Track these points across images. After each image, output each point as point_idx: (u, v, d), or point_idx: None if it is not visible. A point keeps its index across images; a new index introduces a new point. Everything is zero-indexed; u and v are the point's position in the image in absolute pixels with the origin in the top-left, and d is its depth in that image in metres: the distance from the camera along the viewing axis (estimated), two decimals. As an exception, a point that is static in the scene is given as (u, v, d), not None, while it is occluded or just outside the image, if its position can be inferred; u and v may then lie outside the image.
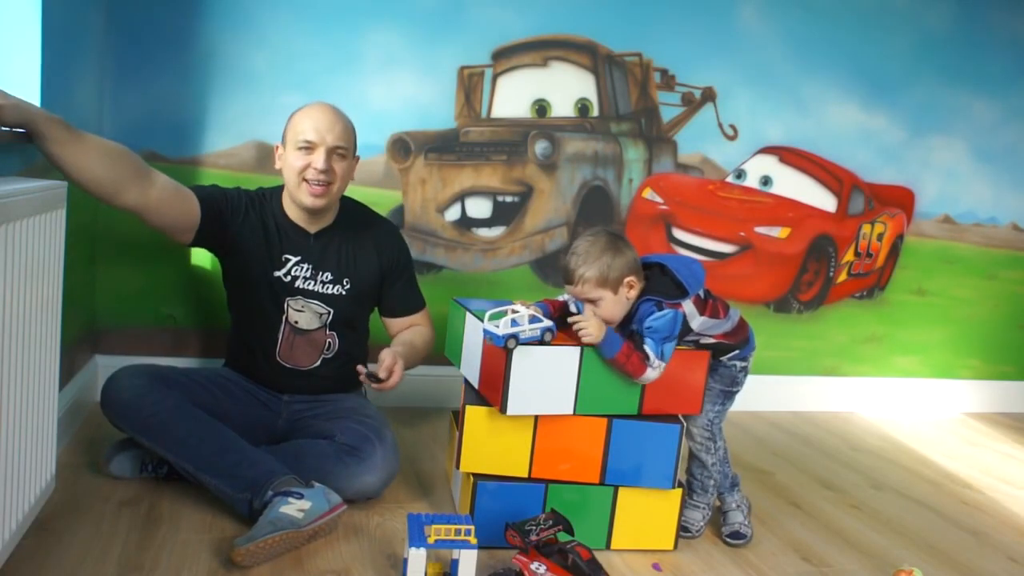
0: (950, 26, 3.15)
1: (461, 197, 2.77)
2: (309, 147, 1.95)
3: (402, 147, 2.69)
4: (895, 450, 2.89)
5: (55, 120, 1.61)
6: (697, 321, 1.85)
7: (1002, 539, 2.21)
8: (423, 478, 2.21)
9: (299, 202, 2.01)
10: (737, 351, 1.95)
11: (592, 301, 1.78)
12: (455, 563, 1.58)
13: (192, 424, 1.86)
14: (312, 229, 2.08)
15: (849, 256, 3.23)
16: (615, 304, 1.79)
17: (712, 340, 1.91)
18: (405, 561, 1.56)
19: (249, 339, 2.13)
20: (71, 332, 2.18)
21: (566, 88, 2.81)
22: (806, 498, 2.35)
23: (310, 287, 2.07)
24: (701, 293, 1.86)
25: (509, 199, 2.81)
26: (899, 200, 3.26)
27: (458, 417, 1.91)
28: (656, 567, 1.83)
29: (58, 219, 1.59)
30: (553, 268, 2.90)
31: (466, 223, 2.79)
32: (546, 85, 2.79)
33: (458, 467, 1.86)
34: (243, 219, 2.05)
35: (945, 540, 2.16)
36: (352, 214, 2.15)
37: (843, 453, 2.80)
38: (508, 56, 2.74)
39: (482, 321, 1.82)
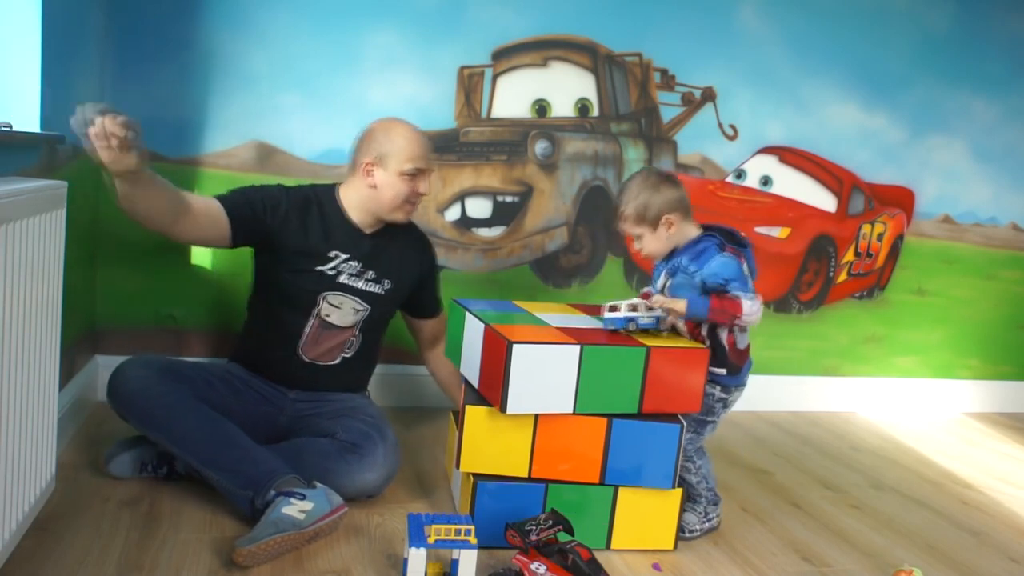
0: (950, 26, 3.15)
1: (461, 197, 2.77)
2: (417, 174, 2.06)
3: (402, 147, 2.69)
4: (895, 450, 2.89)
5: (150, 173, 1.77)
6: (751, 284, 1.87)
7: (1002, 539, 2.21)
8: (423, 478, 2.21)
9: (393, 218, 2.10)
10: (724, 372, 1.93)
11: (636, 237, 1.92)
12: (455, 563, 1.58)
13: (197, 418, 1.86)
14: (369, 230, 2.13)
15: (849, 256, 3.23)
16: (655, 240, 1.90)
17: (723, 337, 1.90)
18: (405, 561, 1.56)
19: (271, 331, 2.13)
20: (71, 332, 2.18)
21: (566, 88, 2.81)
22: (806, 498, 2.35)
23: (354, 284, 2.11)
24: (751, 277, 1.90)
25: (509, 199, 2.81)
26: (899, 200, 3.26)
27: (458, 417, 1.91)
28: (656, 567, 1.83)
29: (58, 219, 1.59)
30: (553, 268, 2.90)
31: (466, 223, 2.79)
32: (546, 85, 2.79)
33: (458, 467, 1.86)
34: (283, 218, 2.06)
35: (945, 540, 2.16)
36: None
37: (843, 453, 2.80)
38: (508, 56, 2.74)
39: (484, 322, 1.85)
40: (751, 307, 1.79)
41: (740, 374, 1.96)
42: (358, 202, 2.10)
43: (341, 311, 2.11)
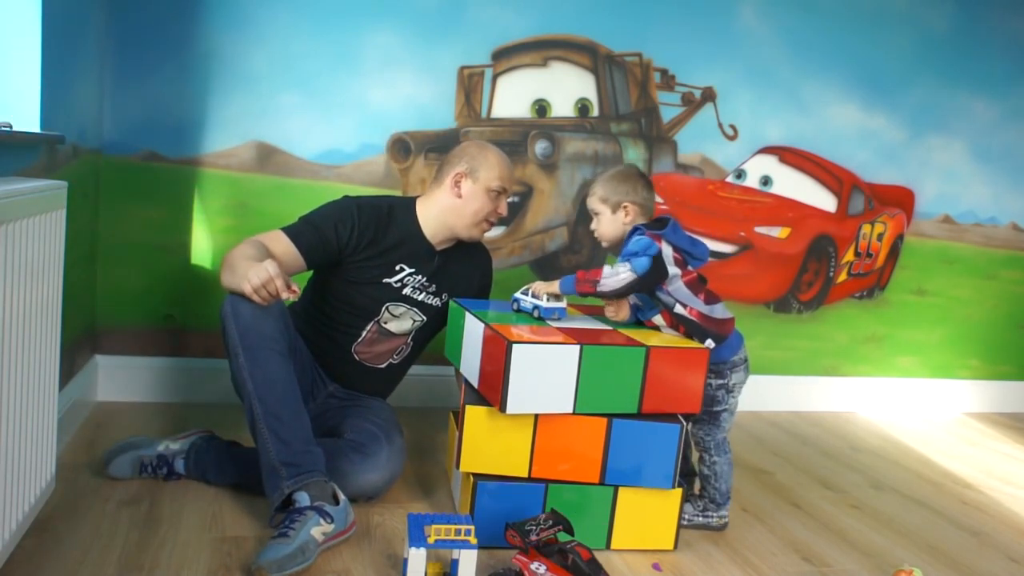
0: (950, 26, 3.15)
1: (461, 197, 2.77)
2: (502, 193, 2.12)
3: (402, 147, 2.69)
4: (895, 450, 2.89)
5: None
6: (673, 271, 1.89)
7: (1002, 539, 2.21)
8: (423, 478, 2.21)
9: (469, 235, 2.13)
10: (712, 343, 1.92)
11: (595, 215, 2.04)
12: (455, 563, 1.58)
13: (286, 375, 1.83)
14: (440, 247, 2.15)
15: (849, 256, 3.23)
16: (610, 223, 2.02)
17: (686, 313, 1.90)
18: (405, 561, 1.56)
19: (327, 327, 2.14)
20: (71, 332, 2.18)
21: (566, 88, 2.81)
22: (806, 498, 2.35)
23: (417, 296, 2.14)
24: (690, 264, 1.93)
25: (509, 199, 2.81)
26: (899, 200, 3.26)
27: (458, 417, 1.91)
28: (656, 567, 1.83)
29: (58, 219, 1.59)
30: (553, 268, 2.90)
31: (466, 223, 2.79)
32: (546, 85, 2.79)
33: (458, 467, 1.86)
34: (355, 236, 2.04)
35: (945, 540, 2.16)
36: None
37: (843, 453, 2.80)
38: (508, 56, 2.74)
39: (484, 322, 1.85)
40: (609, 271, 1.87)
41: (728, 345, 1.95)
42: (437, 215, 2.11)
43: (400, 320, 2.14)
